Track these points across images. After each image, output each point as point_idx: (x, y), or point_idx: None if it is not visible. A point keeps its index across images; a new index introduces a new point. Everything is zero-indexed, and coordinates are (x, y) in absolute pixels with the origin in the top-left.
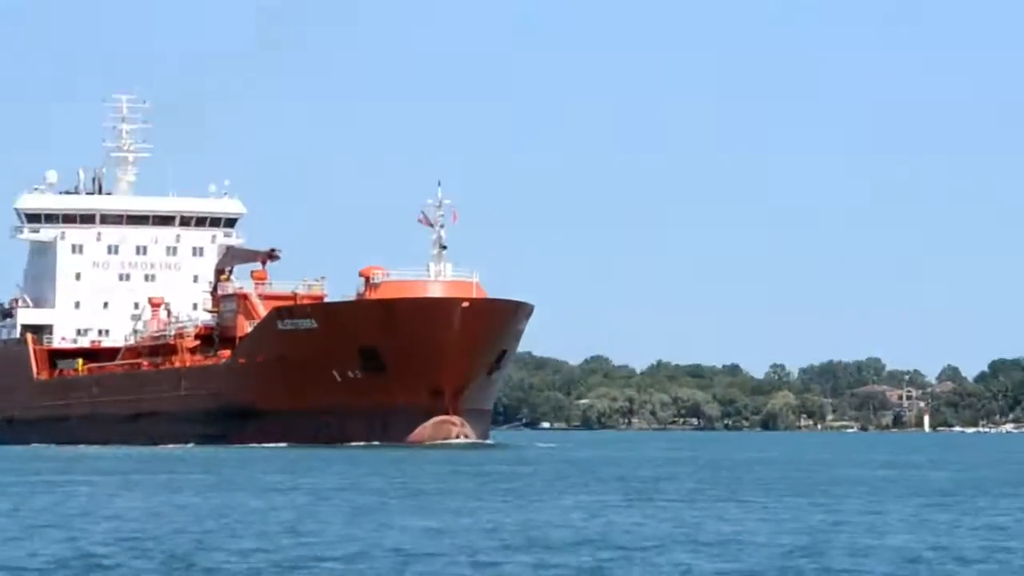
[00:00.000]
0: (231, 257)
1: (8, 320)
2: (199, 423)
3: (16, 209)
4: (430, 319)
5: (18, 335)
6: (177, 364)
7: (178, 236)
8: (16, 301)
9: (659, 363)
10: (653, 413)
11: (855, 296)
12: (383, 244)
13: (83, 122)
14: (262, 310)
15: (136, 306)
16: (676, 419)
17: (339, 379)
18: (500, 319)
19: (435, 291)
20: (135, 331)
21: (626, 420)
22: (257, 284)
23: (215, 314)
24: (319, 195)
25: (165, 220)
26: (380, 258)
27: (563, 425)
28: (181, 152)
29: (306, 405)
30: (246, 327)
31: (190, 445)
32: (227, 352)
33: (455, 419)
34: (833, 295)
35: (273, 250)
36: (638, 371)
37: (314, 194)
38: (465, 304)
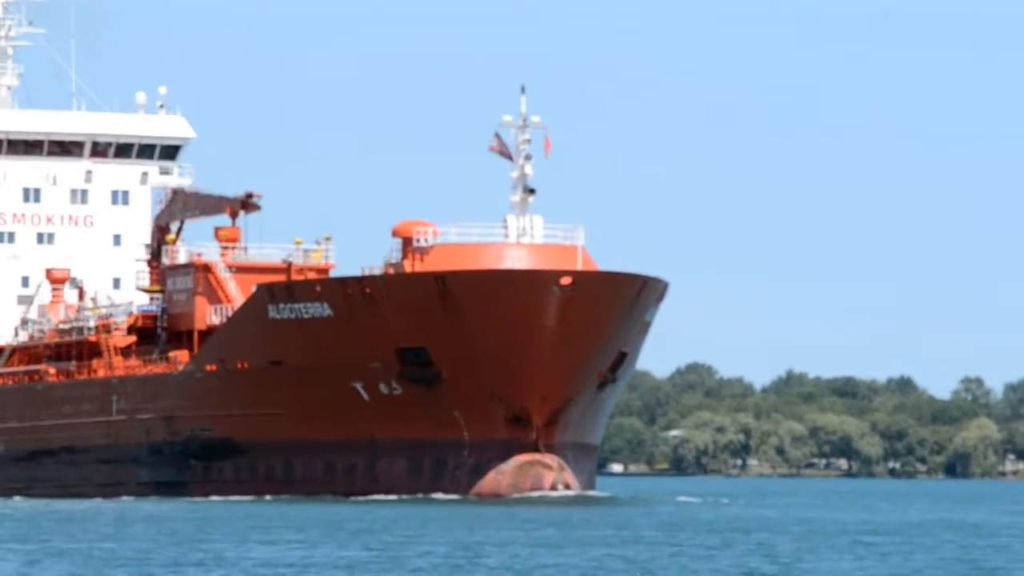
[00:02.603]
0: (180, 207)
1: None
2: (142, 464)
3: None
4: (511, 304)
5: None
6: (102, 373)
7: (89, 173)
8: None
9: (789, 375)
10: (780, 451)
11: None
12: (419, 186)
13: None
14: (234, 289)
15: (25, 282)
16: (815, 459)
17: (367, 397)
18: (619, 304)
19: (517, 260)
20: (27, 322)
21: (739, 461)
22: (226, 249)
23: (157, 296)
24: (307, 110)
25: (68, 147)
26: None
27: (643, 468)
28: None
29: (316, 436)
30: (209, 316)
31: (126, 499)
32: (182, 354)
33: (549, 459)
34: None
35: (250, 195)
36: (758, 388)
37: (298, 109)
38: (566, 281)
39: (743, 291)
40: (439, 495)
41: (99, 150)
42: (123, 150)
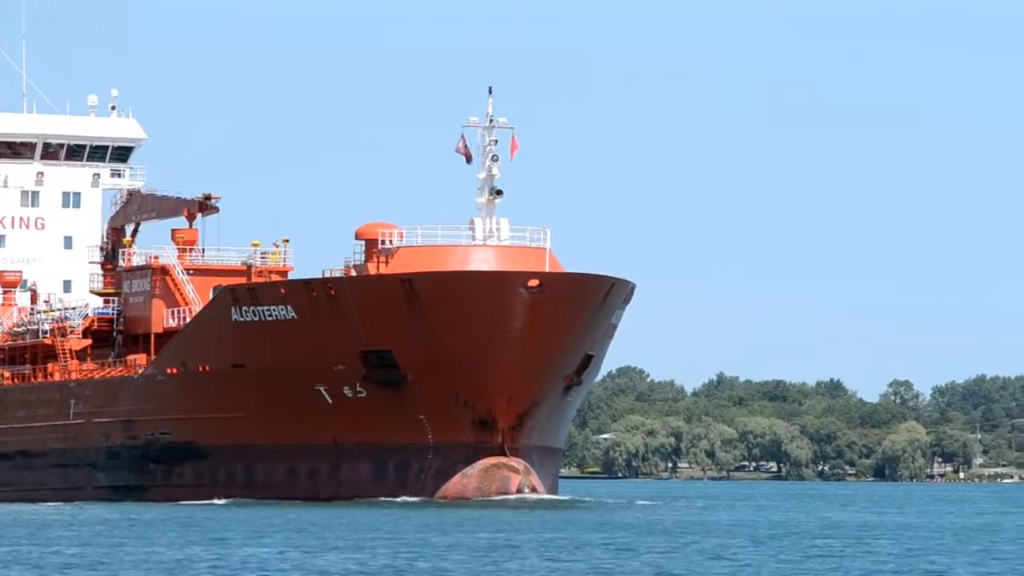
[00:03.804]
0: (136, 208)
1: None
2: (100, 468)
3: None
4: (478, 306)
5: None
6: (59, 376)
7: (40, 174)
8: None
9: (720, 379)
10: (711, 454)
11: (1015, 289)
12: (377, 189)
13: None
14: (192, 292)
15: None
16: (745, 462)
17: (330, 400)
18: (586, 306)
19: (484, 261)
20: None
21: (669, 464)
22: (183, 251)
23: (112, 299)
24: (263, 112)
25: (19, 149)
26: (377, 211)
27: (574, 471)
28: (41, 43)
29: (279, 439)
30: (166, 319)
31: (78, 505)
32: (140, 357)
33: (516, 462)
34: (982, 283)
35: (208, 197)
36: (689, 392)
37: (254, 111)
38: (533, 283)
39: (674, 295)
40: (406, 500)
41: (50, 152)
42: (74, 152)
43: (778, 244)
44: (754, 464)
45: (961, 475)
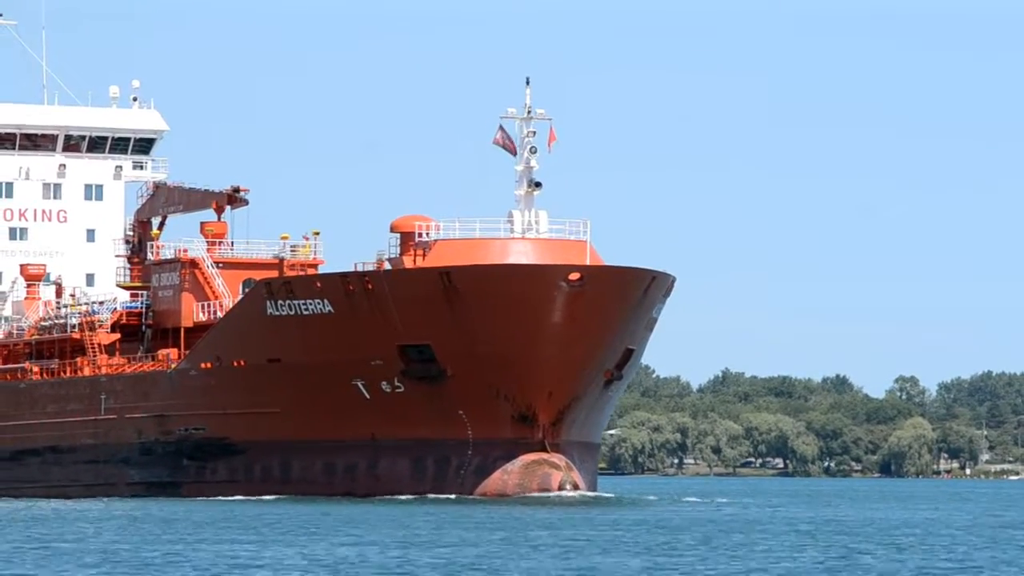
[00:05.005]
0: (163, 201)
1: None
2: (133, 465)
3: None
4: (517, 300)
5: None
6: (88, 371)
7: (62, 167)
8: None
9: (726, 375)
10: (716, 450)
11: (1020, 284)
12: (406, 181)
13: None
14: (221, 286)
15: None
16: (751, 458)
17: (368, 395)
18: (628, 300)
19: (523, 255)
20: (4, 319)
21: (675, 460)
22: (212, 245)
23: (141, 292)
24: (292, 104)
25: (40, 141)
26: (407, 204)
27: None
28: (62, 34)
29: (315, 435)
30: (196, 313)
31: (114, 500)
32: (171, 352)
33: (557, 458)
34: (988, 280)
35: (236, 189)
36: (695, 388)
37: (282, 103)
38: (574, 276)
39: (680, 291)
40: (445, 496)
41: (72, 144)
42: (96, 144)
43: (784, 240)
44: (760, 460)
45: (967, 471)
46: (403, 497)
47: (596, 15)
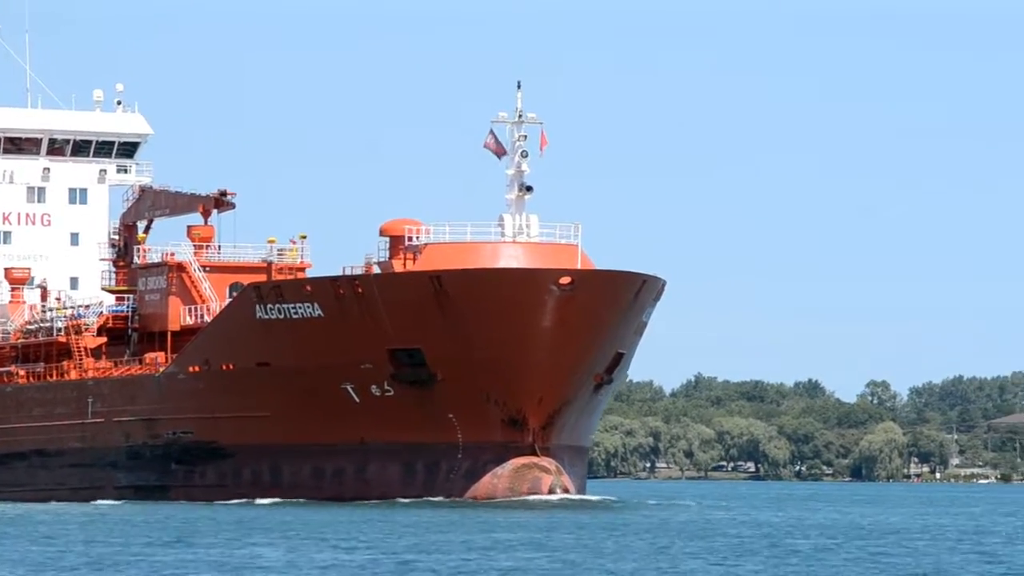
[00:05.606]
0: (149, 205)
1: None
2: (120, 468)
3: None
4: (508, 303)
5: None
6: (75, 375)
7: (46, 171)
8: None
9: (698, 380)
10: (689, 455)
11: (992, 289)
12: (395, 185)
13: None
14: (208, 289)
15: None
16: (723, 462)
17: (357, 399)
18: (618, 304)
19: (514, 258)
20: None
21: (647, 464)
22: (199, 248)
23: (127, 296)
24: (278, 107)
25: (25, 145)
26: (396, 207)
27: None
28: (46, 37)
29: (304, 439)
30: (183, 317)
31: (100, 503)
32: (158, 356)
33: (547, 462)
34: (957, 284)
35: (223, 193)
36: (667, 392)
37: (268, 106)
38: (565, 280)
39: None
40: (433, 500)
41: (56, 147)
42: (80, 147)
43: (756, 245)
44: (732, 464)
45: (937, 475)
46: (400, 500)
47: (587, 18)
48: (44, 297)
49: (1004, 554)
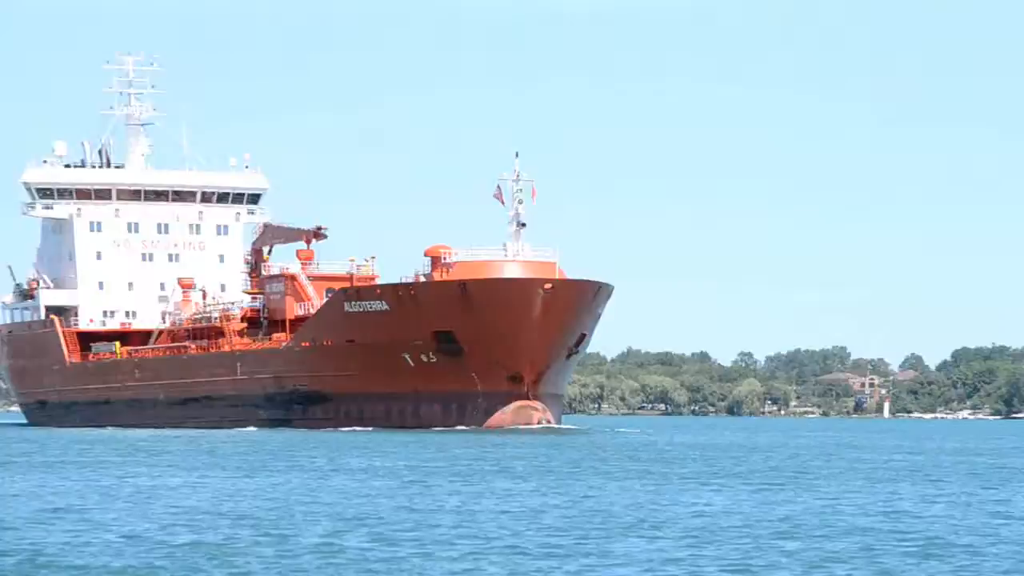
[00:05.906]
0: (270, 235)
1: (29, 301)
2: (259, 407)
3: (25, 183)
4: (510, 302)
5: (42, 316)
6: (226, 348)
7: (200, 213)
8: (35, 282)
9: (629, 351)
10: (623, 399)
11: (824, 286)
12: (437, 221)
13: (81, 90)
14: (312, 292)
15: (162, 287)
16: (644, 405)
17: (412, 363)
18: (582, 302)
19: (513, 271)
20: (168, 313)
21: (596, 405)
22: (304, 264)
23: (258, 296)
24: (345, 169)
25: (185, 196)
26: (435, 236)
27: None
28: (194, 120)
29: (378, 389)
30: (295, 309)
31: (251, 428)
32: (282, 336)
33: (536, 404)
34: (802, 286)
35: (320, 228)
36: (608, 359)
37: (339, 168)
38: (547, 287)
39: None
40: (463, 428)
41: (206, 197)
42: (222, 197)
43: (673, 259)
44: (650, 406)
45: (782, 412)
46: (437, 429)
47: (574, 98)
48: (204, 297)
49: (813, 463)
